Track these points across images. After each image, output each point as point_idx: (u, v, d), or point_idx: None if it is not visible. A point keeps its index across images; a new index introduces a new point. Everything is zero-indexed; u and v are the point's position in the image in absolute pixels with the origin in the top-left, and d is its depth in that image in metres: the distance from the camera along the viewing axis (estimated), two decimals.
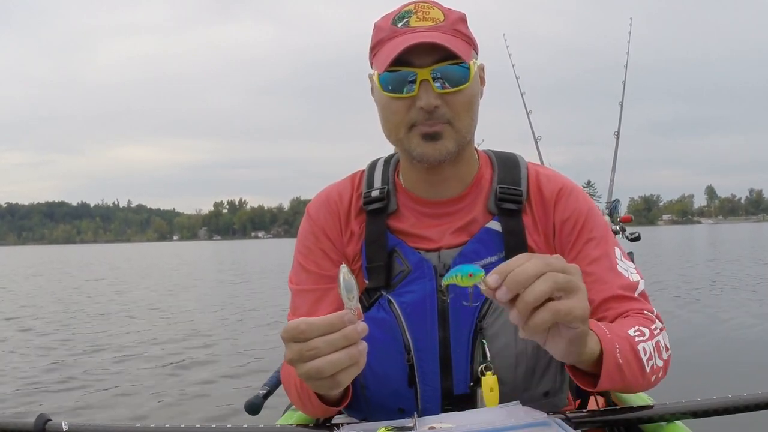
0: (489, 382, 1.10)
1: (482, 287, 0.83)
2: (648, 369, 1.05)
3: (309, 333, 0.85)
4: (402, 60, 1.10)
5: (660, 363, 1.09)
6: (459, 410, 1.11)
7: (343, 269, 0.87)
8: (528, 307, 0.81)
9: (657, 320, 1.13)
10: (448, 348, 1.16)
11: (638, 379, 1.04)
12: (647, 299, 1.18)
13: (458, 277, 0.83)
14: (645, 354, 1.05)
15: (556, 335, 0.88)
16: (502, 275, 0.82)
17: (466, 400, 1.15)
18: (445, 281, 0.85)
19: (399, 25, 1.13)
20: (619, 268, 1.18)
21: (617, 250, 1.21)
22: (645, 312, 1.14)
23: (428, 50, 1.09)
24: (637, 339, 1.05)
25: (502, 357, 1.14)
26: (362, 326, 0.86)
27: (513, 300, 0.82)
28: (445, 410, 1.15)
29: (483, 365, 1.13)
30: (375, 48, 1.17)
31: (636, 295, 1.16)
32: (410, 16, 1.13)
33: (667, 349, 1.12)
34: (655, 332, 1.10)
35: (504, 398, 1.10)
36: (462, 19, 1.17)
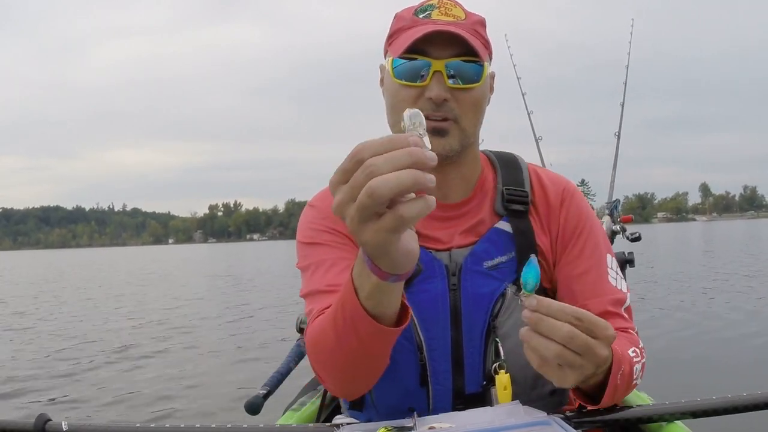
0: (503, 380, 1.10)
1: (520, 295, 0.89)
2: (632, 388, 1.09)
3: (366, 151, 0.70)
4: (419, 49, 1.11)
5: (638, 382, 1.10)
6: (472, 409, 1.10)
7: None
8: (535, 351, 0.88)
9: (638, 345, 1.14)
10: (461, 347, 1.15)
11: (622, 396, 1.07)
12: (631, 316, 1.20)
13: (524, 276, 0.87)
14: (635, 375, 1.07)
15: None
16: (539, 309, 0.86)
17: (478, 399, 1.15)
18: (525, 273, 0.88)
19: (421, 16, 1.15)
20: (611, 278, 1.20)
21: (609, 258, 1.22)
22: (629, 331, 1.16)
23: (446, 43, 1.11)
24: (634, 360, 1.07)
25: (514, 356, 1.14)
26: (432, 154, 0.70)
27: None
28: (456, 410, 1.14)
29: (496, 364, 1.13)
30: (393, 36, 1.18)
31: (623, 311, 1.18)
32: (432, 10, 1.15)
33: (642, 374, 1.14)
34: (643, 352, 1.12)
35: (514, 397, 1.09)
36: (482, 22, 1.18)
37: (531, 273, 0.86)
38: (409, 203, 0.70)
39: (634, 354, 1.08)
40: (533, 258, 0.87)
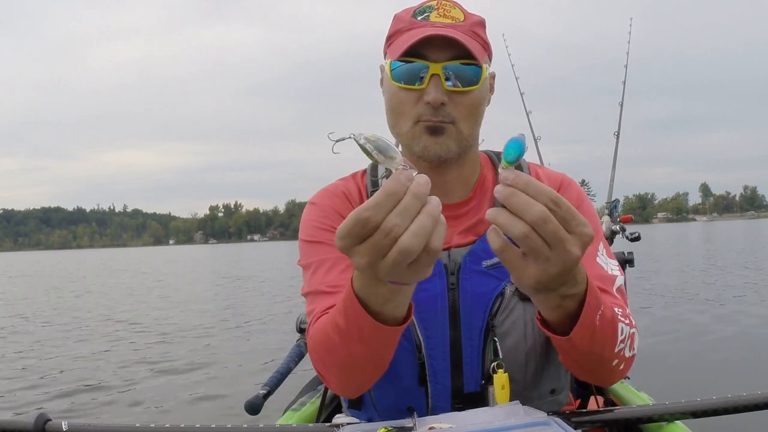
0: (501, 379, 1.10)
1: (499, 170, 0.78)
2: (617, 349, 1.02)
3: (377, 215, 0.71)
4: (416, 52, 1.10)
5: (628, 354, 1.05)
6: (470, 408, 1.10)
7: (358, 136, 0.72)
8: (500, 227, 0.79)
9: (630, 320, 1.09)
10: (459, 346, 1.15)
11: (605, 353, 1.00)
12: (624, 297, 1.16)
13: (506, 148, 0.77)
14: (621, 334, 1.02)
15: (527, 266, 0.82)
16: (515, 185, 0.76)
17: (476, 398, 1.15)
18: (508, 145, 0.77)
19: (419, 18, 1.15)
20: (598, 260, 1.17)
21: (600, 245, 1.20)
22: (621, 307, 1.10)
23: (443, 46, 1.10)
24: (619, 317, 1.03)
25: (512, 354, 1.14)
26: (423, 177, 0.72)
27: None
28: (455, 409, 1.14)
29: (495, 363, 1.13)
30: (392, 38, 1.18)
31: (613, 289, 1.14)
32: (431, 12, 1.15)
33: (634, 347, 1.08)
34: (633, 325, 1.08)
35: (513, 396, 1.10)
36: (481, 23, 1.18)
37: (514, 146, 0.76)
38: (435, 236, 0.74)
39: (621, 314, 1.04)
40: (522, 135, 0.77)
